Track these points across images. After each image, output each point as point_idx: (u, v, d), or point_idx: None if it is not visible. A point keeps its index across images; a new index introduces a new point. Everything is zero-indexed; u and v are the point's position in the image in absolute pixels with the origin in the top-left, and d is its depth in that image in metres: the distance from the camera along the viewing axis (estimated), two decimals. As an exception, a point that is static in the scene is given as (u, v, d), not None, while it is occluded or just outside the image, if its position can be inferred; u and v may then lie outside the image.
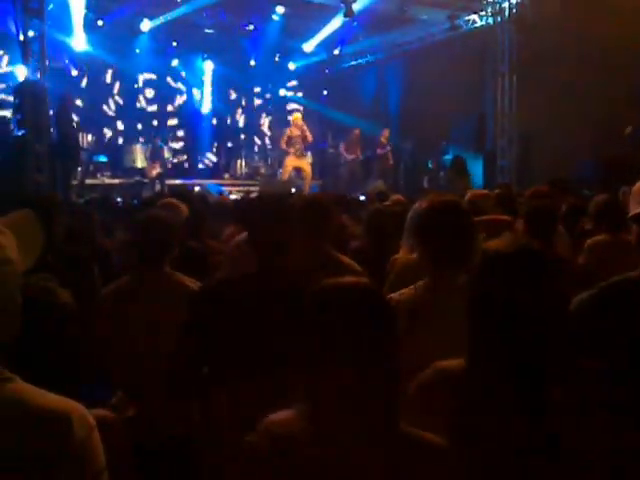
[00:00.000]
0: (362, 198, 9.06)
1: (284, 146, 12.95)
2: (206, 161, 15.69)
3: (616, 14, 9.81)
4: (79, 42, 12.29)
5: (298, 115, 13.16)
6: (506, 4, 12.36)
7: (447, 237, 2.22)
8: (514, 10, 12.29)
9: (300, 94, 17.18)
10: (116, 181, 13.09)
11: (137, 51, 14.00)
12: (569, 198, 5.26)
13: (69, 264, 3.00)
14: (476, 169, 12.72)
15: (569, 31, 10.25)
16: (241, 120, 16.68)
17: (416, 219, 2.40)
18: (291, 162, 12.97)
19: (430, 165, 14.28)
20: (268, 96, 16.72)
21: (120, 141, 14.29)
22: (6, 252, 1.24)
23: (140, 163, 13.41)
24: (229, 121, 16.38)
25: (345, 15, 12.37)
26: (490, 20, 12.79)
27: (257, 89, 16.54)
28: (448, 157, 13.32)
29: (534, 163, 12.22)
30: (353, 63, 16.53)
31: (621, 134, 9.98)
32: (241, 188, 13.23)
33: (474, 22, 13.05)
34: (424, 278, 2.28)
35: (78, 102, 13.06)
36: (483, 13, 12.83)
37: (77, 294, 2.76)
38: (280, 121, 15.66)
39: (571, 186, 7.64)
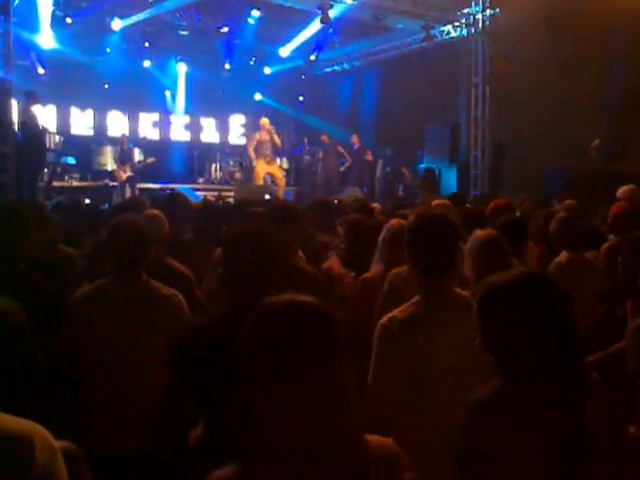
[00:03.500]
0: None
1: (251, 152, 12.81)
2: (179, 164, 15.49)
3: (584, 28, 9.90)
4: (46, 40, 12.06)
5: (266, 120, 13.02)
6: (480, 16, 12.41)
7: (438, 248, 2.33)
8: (487, 22, 12.34)
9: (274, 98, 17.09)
10: (84, 184, 12.85)
11: (108, 50, 13.78)
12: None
13: (44, 271, 2.97)
14: (450, 178, 12.75)
15: (539, 44, 10.31)
16: (215, 123, 16.52)
17: (408, 233, 2.44)
18: (262, 168, 12.82)
19: (405, 173, 14.26)
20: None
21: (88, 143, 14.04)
22: None
23: (110, 165, 13.20)
24: (203, 124, 16.23)
25: (321, 21, 12.32)
26: (464, 31, 12.82)
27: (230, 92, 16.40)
28: (423, 166, 13.33)
29: (506, 173, 12.28)
30: (329, 70, 16.50)
31: (588, 146, 10.08)
32: (216, 193, 13.06)
33: (448, 33, 13.08)
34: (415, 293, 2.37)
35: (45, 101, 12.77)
36: (457, 24, 12.86)
37: (52, 302, 2.73)
38: (254, 125, 15.52)
39: (540, 197, 7.67)
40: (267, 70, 16.22)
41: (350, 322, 3.06)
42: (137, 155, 13.73)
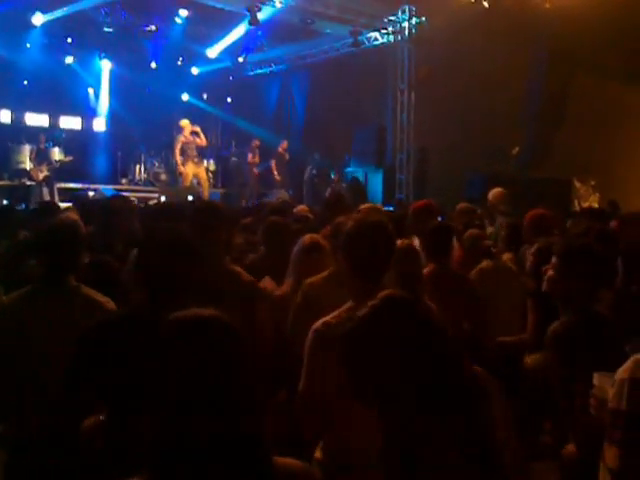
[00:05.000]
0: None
1: (178, 155, 12.60)
2: (102, 165, 15.02)
3: (506, 39, 10.33)
4: (-40, 32, 11.45)
5: (186, 121, 12.84)
6: (406, 24, 12.71)
7: (376, 255, 2.30)
8: (413, 30, 12.66)
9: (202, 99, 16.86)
10: (1, 183, 12.28)
11: (28, 46, 13.21)
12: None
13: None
14: (376, 182, 12.98)
15: (463, 53, 10.69)
16: (141, 124, 16.09)
17: (347, 238, 2.39)
18: (190, 169, 12.65)
19: (332, 176, 14.42)
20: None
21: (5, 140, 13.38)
22: None
23: (28, 164, 12.66)
24: (128, 124, 15.78)
25: (250, 23, 12.29)
26: (391, 38, 13.11)
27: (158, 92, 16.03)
28: (350, 170, 13.51)
29: (431, 178, 12.62)
30: (258, 72, 16.46)
31: (508, 153, 10.49)
32: (140, 194, 12.74)
33: (376, 39, 13.33)
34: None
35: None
36: (384, 31, 13.13)
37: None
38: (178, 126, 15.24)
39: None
40: (195, 70, 16.01)
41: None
42: (57, 154, 13.23)
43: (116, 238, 4.27)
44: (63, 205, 7.59)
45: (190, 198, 10.90)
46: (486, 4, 10.88)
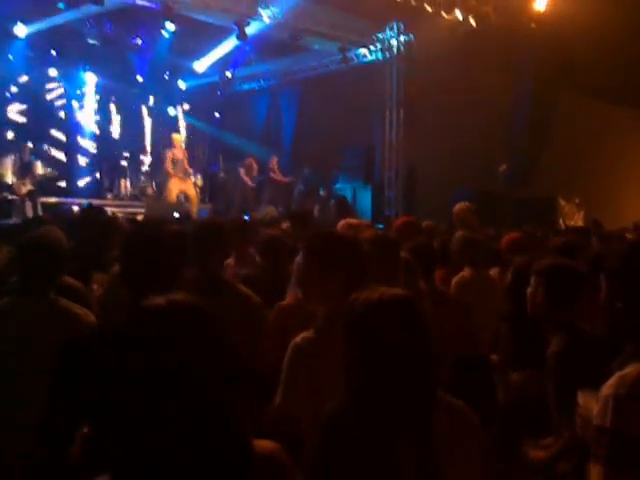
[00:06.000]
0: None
1: (170, 170, 12.46)
2: (87, 179, 14.84)
3: (492, 59, 10.35)
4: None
5: (178, 136, 12.75)
6: (395, 41, 12.72)
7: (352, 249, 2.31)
8: (402, 48, 12.66)
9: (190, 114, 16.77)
10: (-18, 197, 12.04)
11: (10, 57, 13.09)
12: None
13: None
14: (365, 199, 12.91)
15: (451, 71, 10.69)
16: (127, 137, 15.97)
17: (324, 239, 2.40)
18: (175, 185, 12.49)
19: (321, 193, 14.32)
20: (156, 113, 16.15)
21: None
22: None
23: (10, 178, 12.46)
24: (113, 137, 15.66)
25: (238, 38, 12.24)
26: (379, 55, 13.11)
27: (144, 106, 15.94)
28: (339, 186, 13.42)
29: (419, 195, 12.58)
30: (246, 87, 16.42)
31: (496, 170, 10.47)
32: (126, 209, 12.56)
33: (364, 56, 13.33)
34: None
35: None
36: (373, 48, 13.13)
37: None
38: (168, 141, 15.15)
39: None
40: (182, 85, 15.94)
41: (261, 353, 2.97)
42: (40, 168, 13.04)
43: (103, 252, 4.17)
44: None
45: (176, 215, 10.75)
46: (473, 23, 10.90)
